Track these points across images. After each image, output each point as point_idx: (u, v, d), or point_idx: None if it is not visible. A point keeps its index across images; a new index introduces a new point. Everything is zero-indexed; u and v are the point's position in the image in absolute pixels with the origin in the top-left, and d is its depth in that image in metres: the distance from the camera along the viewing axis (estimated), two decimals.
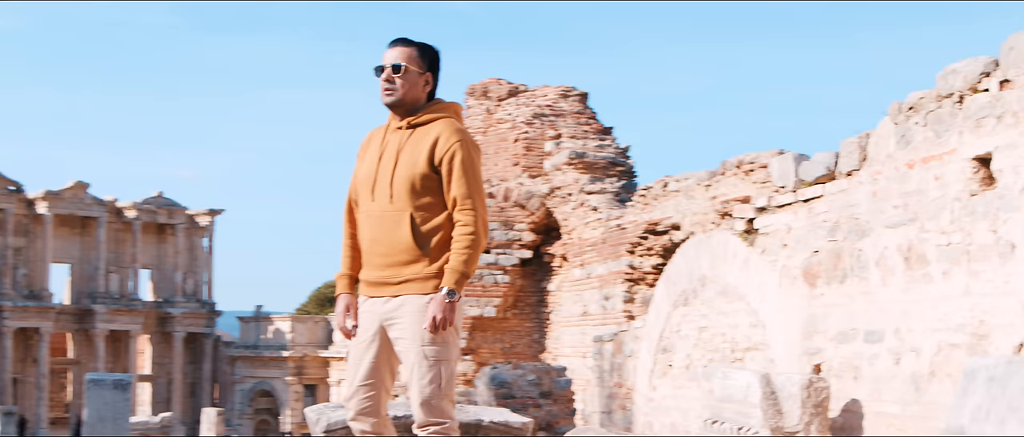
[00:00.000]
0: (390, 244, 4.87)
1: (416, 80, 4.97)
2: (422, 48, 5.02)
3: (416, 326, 4.84)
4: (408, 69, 4.94)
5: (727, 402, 8.36)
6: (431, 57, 5.05)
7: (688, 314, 10.89)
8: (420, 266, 4.84)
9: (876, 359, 7.98)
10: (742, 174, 17.67)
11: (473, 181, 4.84)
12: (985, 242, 6.96)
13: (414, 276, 4.84)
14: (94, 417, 12.91)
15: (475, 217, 4.82)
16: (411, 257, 4.85)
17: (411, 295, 4.85)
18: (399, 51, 4.97)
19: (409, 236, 4.83)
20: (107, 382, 13.04)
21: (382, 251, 4.90)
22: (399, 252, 4.86)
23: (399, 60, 4.95)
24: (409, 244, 4.84)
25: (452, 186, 4.83)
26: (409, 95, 4.97)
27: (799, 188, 8.98)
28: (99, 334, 44.85)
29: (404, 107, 4.98)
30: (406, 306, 4.85)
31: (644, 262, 21.33)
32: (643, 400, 11.88)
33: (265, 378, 47.22)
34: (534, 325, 25.83)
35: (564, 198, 23.82)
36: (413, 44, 5.02)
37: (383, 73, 4.96)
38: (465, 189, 4.82)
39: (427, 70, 5.02)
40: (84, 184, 44.64)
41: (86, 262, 45.55)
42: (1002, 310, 6.82)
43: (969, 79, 7.09)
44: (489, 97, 26.50)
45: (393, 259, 4.87)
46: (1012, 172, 6.73)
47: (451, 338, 4.89)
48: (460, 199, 4.82)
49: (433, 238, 4.86)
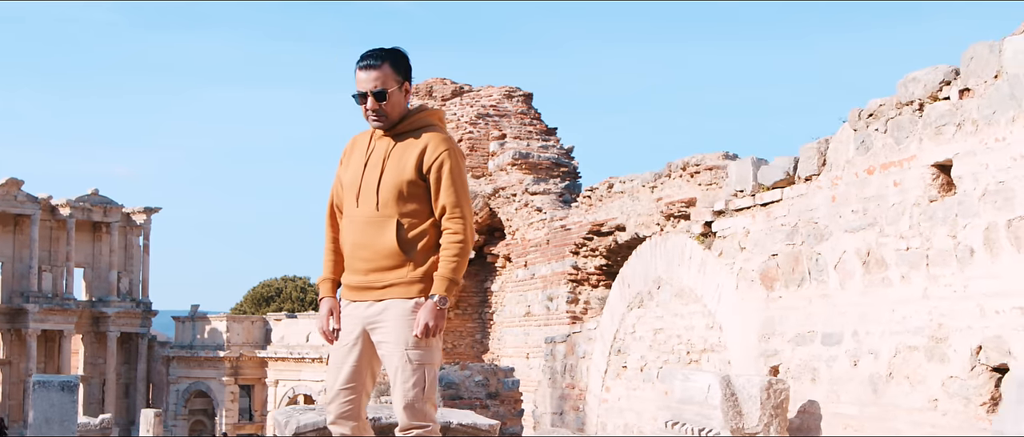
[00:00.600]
0: (374, 249, 4.90)
1: (399, 99, 4.98)
2: (395, 59, 4.98)
3: (400, 330, 4.88)
4: (391, 93, 4.92)
5: (687, 403, 8.45)
6: (405, 64, 5.04)
7: (643, 316, 10.98)
8: (404, 271, 4.87)
9: (834, 361, 8.12)
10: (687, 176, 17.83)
11: (461, 189, 4.89)
12: (944, 247, 7.11)
13: (398, 281, 4.87)
14: (40, 419, 12.73)
15: (464, 225, 4.87)
16: (395, 262, 4.87)
17: (395, 299, 4.88)
18: (376, 75, 4.91)
19: (394, 242, 4.86)
20: (54, 384, 12.86)
21: (366, 256, 4.92)
22: (383, 257, 4.88)
23: (379, 86, 4.90)
24: (394, 250, 4.87)
25: (441, 195, 4.86)
26: (395, 113, 4.98)
27: (758, 192, 9.10)
28: (32, 334, 44.07)
29: (392, 125, 4.99)
30: (390, 310, 4.88)
31: (588, 263, 21.45)
32: (596, 401, 11.95)
33: (201, 378, 46.72)
34: (476, 325, 25.87)
35: (508, 198, 23.87)
36: (385, 58, 4.95)
37: (368, 102, 4.92)
38: (454, 197, 4.85)
39: (404, 79, 5.02)
40: (17, 181, 43.83)
41: (19, 260, 44.74)
42: (960, 313, 6.97)
43: (929, 87, 7.24)
44: (433, 97, 26.48)
45: (377, 264, 4.89)
46: (971, 179, 6.88)
47: (434, 342, 4.94)
48: (449, 207, 4.85)
49: (418, 244, 4.89)
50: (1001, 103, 6.64)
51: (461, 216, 4.86)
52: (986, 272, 6.79)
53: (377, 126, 4.97)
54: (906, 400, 7.40)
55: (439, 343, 4.96)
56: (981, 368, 6.85)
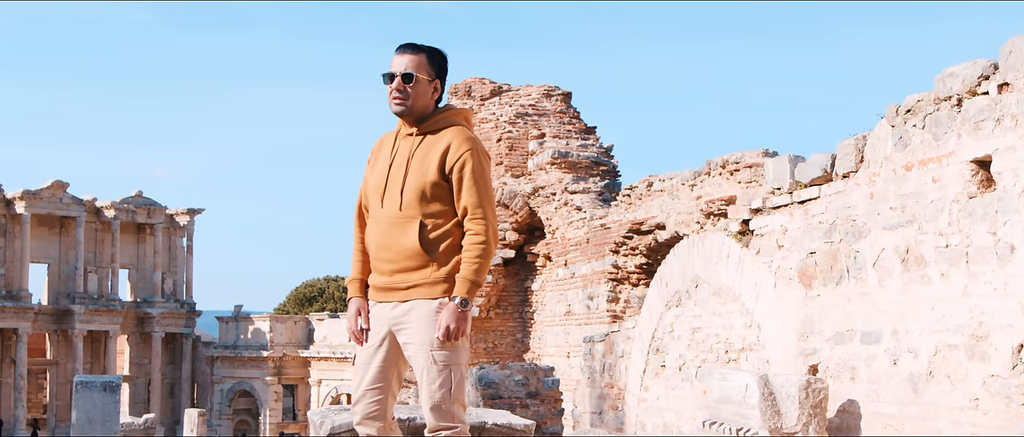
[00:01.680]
0: (398, 250, 4.88)
1: (425, 88, 4.96)
2: (431, 54, 5.00)
3: (425, 331, 4.86)
4: (418, 78, 4.92)
5: (725, 403, 8.40)
6: (440, 62, 5.04)
7: (681, 315, 10.92)
8: (428, 271, 4.85)
9: (873, 360, 8.03)
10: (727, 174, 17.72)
11: (484, 190, 4.84)
12: (984, 244, 7.02)
13: (422, 281, 4.85)
14: (83, 419, 12.84)
15: (486, 226, 4.83)
16: (419, 263, 4.85)
17: (419, 300, 4.86)
18: (409, 59, 4.94)
19: (417, 242, 4.83)
20: (96, 384, 12.97)
21: (389, 257, 4.91)
22: (406, 258, 4.86)
23: (409, 69, 4.92)
24: (417, 250, 4.84)
25: (463, 195, 4.82)
26: (418, 104, 4.95)
27: (795, 189, 9.02)
28: (78, 334, 44.57)
29: (413, 115, 4.98)
30: (414, 311, 4.87)
31: (628, 261, 21.37)
32: (635, 401, 11.91)
33: (244, 378, 47.06)
34: (517, 324, 25.84)
35: (548, 198, 23.83)
36: (422, 50, 4.99)
37: (393, 82, 4.94)
38: (476, 198, 4.81)
39: (436, 77, 5.01)
40: (63, 184, 44.34)
41: (65, 262, 45.26)
42: (1001, 311, 6.88)
43: (968, 82, 7.14)
44: (472, 96, 26.50)
45: (401, 265, 4.88)
46: (1012, 175, 6.79)
47: (461, 343, 4.91)
48: (471, 208, 4.82)
49: (441, 244, 4.87)
50: None
51: (483, 217, 4.82)
52: None
53: (398, 110, 4.94)
54: (946, 399, 7.30)
55: (466, 343, 4.94)
56: (1023, 367, 6.75)
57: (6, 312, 43.21)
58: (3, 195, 43.53)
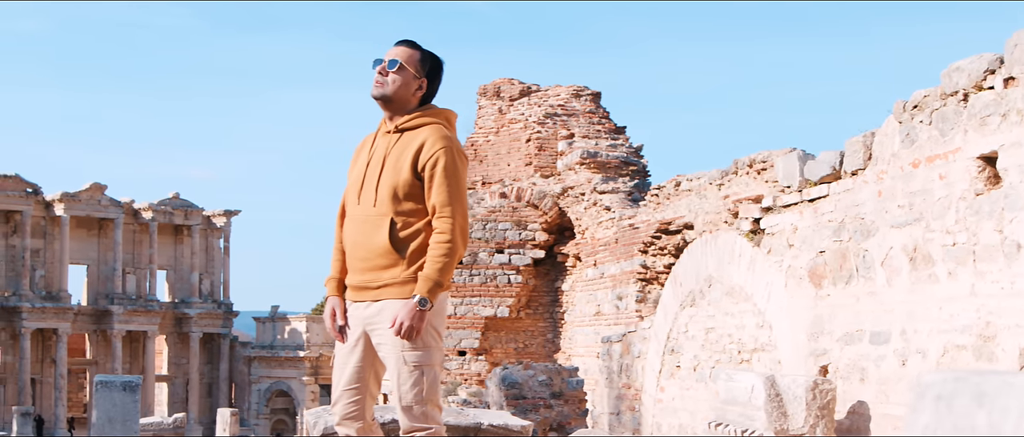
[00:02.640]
0: (370, 248, 4.83)
1: (409, 81, 4.91)
2: (425, 54, 4.98)
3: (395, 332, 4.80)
4: (404, 68, 4.89)
5: (731, 404, 8.28)
6: (432, 64, 4.99)
7: (695, 315, 10.80)
8: (398, 270, 4.79)
9: (882, 360, 7.89)
10: (754, 173, 17.55)
11: (454, 189, 4.76)
12: (991, 242, 6.86)
13: (392, 280, 4.79)
14: (103, 419, 12.89)
15: (453, 225, 4.74)
16: (389, 262, 4.79)
17: (390, 300, 4.80)
18: (400, 50, 4.94)
19: (387, 241, 4.77)
20: (116, 384, 13.02)
21: (362, 255, 4.86)
22: (377, 256, 4.81)
23: (397, 57, 4.90)
24: (387, 248, 4.78)
25: (432, 193, 4.76)
26: (398, 94, 4.90)
27: (804, 188, 8.89)
28: (116, 335, 44.99)
29: (391, 106, 4.92)
30: (386, 311, 4.80)
31: (657, 262, 21.24)
32: (651, 401, 11.80)
33: (281, 378, 47.31)
34: (548, 325, 25.77)
35: (577, 198, 23.74)
36: (417, 47, 4.97)
37: (379, 66, 4.91)
38: (445, 197, 4.74)
39: (424, 76, 4.95)
40: (101, 185, 44.78)
41: (103, 263, 45.70)
42: (1008, 311, 6.72)
43: (973, 77, 6.99)
44: (501, 97, 26.45)
45: (372, 263, 4.83)
46: (1018, 171, 6.63)
47: (433, 343, 4.84)
48: (439, 206, 4.75)
49: (412, 243, 4.80)
50: None
51: (450, 216, 4.74)
52: None
53: (375, 92, 4.90)
54: None
55: (439, 344, 4.88)
56: None
57: (46, 312, 43.67)
58: (42, 197, 44.01)
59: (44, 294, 43.88)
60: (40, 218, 44.12)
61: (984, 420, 1.86)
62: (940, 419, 1.80)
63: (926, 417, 1.83)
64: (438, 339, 4.88)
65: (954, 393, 1.80)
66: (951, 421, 1.75)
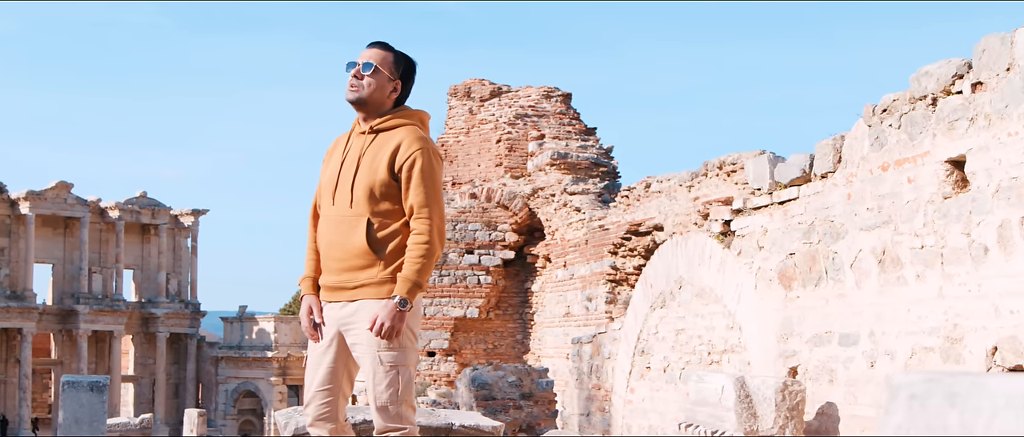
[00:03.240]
0: (346, 249, 4.84)
1: (384, 84, 4.93)
2: (398, 55, 4.99)
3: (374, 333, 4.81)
4: (378, 70, 4.91)
5: (701, 405, 8.32)
6: (405, 66, 5.01)
7: (665, 316, 10.85)
8: (375, 271, 4.80)
9: (851, 362, 7.95)
10: (723, 175, 17.65)
11: (431, 190, 4.79)
12: (958, 245, 6.94)
13: (369, 281, 4.80)
14: (70, 419, 12.81)
15: (430, 226, 4.77)
16: (366, 262, 4.80)
17: (366, 300, 4.81)
18: (374, 52, 4.95)
19: (364, 241, 4.79)
20: (83, 384, 12.94)
21: (338, 255, 4.86)
22: (354, 256, 4.82)
23: (371, 60, 4.91)
24: (364, 249, 4.79)
25: (410, 194, 4.78)
26: (374, 96, 4.92)
27: (775, 190, 8.95)
28: (82, 334, 44.63)
29: (366, 108, 4.94)
30: (362, 311, 4.81)
31: (627, 263, 21.30)
32: (621, 402, 11.84)
33: (249, 378, 47.09)
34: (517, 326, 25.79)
35: (547, 199, 23.77)
36: (390, 49, 4.99)
37: (353, 69, 4.92)
38: (422, 197, 4.76)
39: (398, 78, 4.97)
40: (67, 184, 44.42)
41: (69, 262, 45.34)
42: (976, 313, 6.80)
43: (942, 81, 7.06)
44: (472, 97, 26.45)
45: (348, 263, 4.83)
46: (985, 175, 6.70)
47: (408, 344, 4.85)
48: (417, 207, 4.77)
49: (389, 244, 4.81)
50: (1013, 96, 6.45)
51: (428, 217, 4.76)
52: (1000, 271, 6.61)
53: (351, 96, 4.92)
54: None
55: (414, 344, 4.89)
56: (997, 369, 6.66)
57: (11, 312, 43.29)
58: (8, 196, 43.63)
59: (9, 293, 43.49)
60: (5, 217, 43.73)
61: (956, 420, 1.90)
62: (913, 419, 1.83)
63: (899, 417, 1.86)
64: (414, 340, 4.89)
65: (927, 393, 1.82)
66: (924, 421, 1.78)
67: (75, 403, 12.85)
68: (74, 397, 12.83)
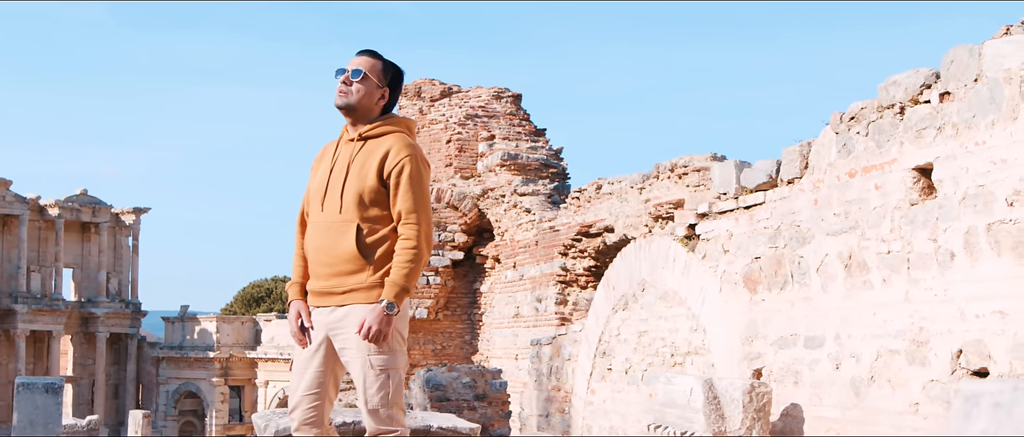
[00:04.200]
0: (335, 254, 4.90)
1: (372, 91, 5.01)
2: (387, 64, 5.08)
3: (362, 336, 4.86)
4: (367, 77, 5.00)
5: (670, 407, 8.44)
6: (394, 74, 5.12)
7: (628, 318, 10.96)
8: (364, 276, 4.86)
9: (816, 364, 8.11)
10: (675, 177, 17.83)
11: (419, 196, 4.88)
12: (925, 250, 7.11)
13: (358, 286, 4.87)
14: (24, 421, 12.65)
15: (418, 231, 4.85)
16: (355, 267, 4.87)
17: (356, 305, 4.87)
18: (363, 60, 5.03)
19: (354, 246, 4.85)
20: (38, 386, 12.78)
21: (327, 261, 4.92)
22: (343, 262, 4.88)
23: (361, 67, 5.00)
24: (354, 254, 4.86)
25: (398, 200, 4.87)
26: (362, 103, 5.00)
27: (741, 195, 9.09)
28: (20, 334, 43.96)
29: (354, 114, 5.02)
30: (351, 316, 4.88)
31: (577, 264, 21.43)
32: (582, 404, 11.94)
33: (191, 379, 46.66)
34: (466, 327, 25.83)
35: (497, 200, 23.84)
36: (379, 58, 5.07)
37: (342, 76, 4.98)
38: (411, 203, 4.85)
39: (386, 85, 5.07)
40: (6, 181, 43.71)
41: (7, 261, 44.63)
42: (941, 317, 6.97)
43: (910, 91, 7.23)
44: (422, 97, 26.45)
45: (337, 269, 4.89)
46: (952, 182, 6.88)
47: (398, 347, 4.92)
48: (405, 213, 4.85)
49: (378, 249, 4.89)
50: (981, 107, 6.63)
51: (416, 222, 4.85)
52: (966, 276, 6.78)
53: (340, 102, 5.00)
54: (887, 403, 7.39)
55: (403, 347, 4.96)
56: (961, 372, 6.84)
57: None
58: None
59: None
60: None
61: None
62: (999, 425, 1.90)
63: (983, 423, 1.94)
64: (402, 343, 4.96)
65: (1013, 402, 1.90)
66: (1010, 428, 1.85)
67: (30, 405, 12.70)
68: (29, 399, 12.68)
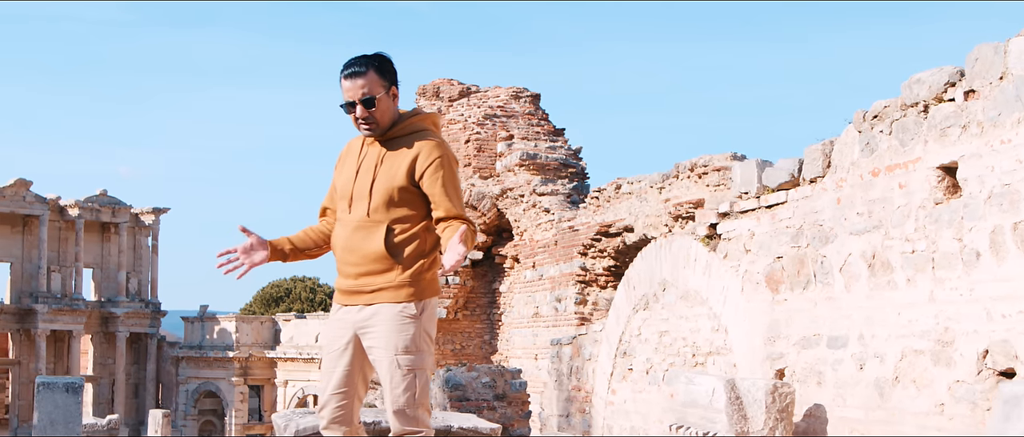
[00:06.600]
0: (363, 254, 4.87)
1: (387, 104, 4.92)
2: (379, 65, 4.91)
3: (389, 335, 4.84)
4: (379, 99, 4.86)
5: (692, 407, 8.40)
6: (389, 68, 4.95)
7: (648, 318, 10.92)
8: (393, 275, 4.84)
9: (840, 364, 8.06)
10: (695, 177, 17.77)
11: (457, 195, 4.86)
12: (950, 250, 7.05)
13: (387, 285, 4.84)
14: (45, 420, 12.72)
15: (467, 226, 4.80)
16: (384, 267, 4.84)
17: (384, 304, 4.84)
18: (362, 82, 4.84)
19: (383, 246, 4.82)
20: (58, 385, 12.85)
21: (355, 260, 4.89)
22: (372, 261, 4.85)
23: (367, 92, 4.84)
24: (382, 254, 4.83)
25: (439, 202, 4.81)
26: (385, 120, 4.93)
27: (762, 194, 9.04)
28: (41, 334, 44.13)
29: (383, 132, 4.94)
30: (380, 315, 4.85)
31: (596, 264, 21.38)
32: (602, 403, 11.91)
33: (210, 379, 46.77)
34: (485, 326, 25.81)
35: (516, 199, 23.80)
36: (370, 66, 4.88)
37: (356, 110, 4.86)
38: (455, 205, 4.81)
39: (391, 84, 4.96)
40: (26, 182, 43.89)
41: (28, 261, 44.81)
42: (967, 317, 6.91)
43: (934, 89, 7.17)
44: (440, 98, 26.44)
45: (366, 268, 4.87)
46: (977, 181, 6.82)
47: (425, 347, 4.90)
48: (453, 214, 4.81)
49: (406, 248, 4.86)
50: (1006, 105, 6.57)
51: (463, 221, 4.81)
52: (992, 275, 6.73)
53: (368, 134, 4.93)
54: (912, 404, 7.33)
55: (430, 347, 4.93)
56: (987, 372, 6.78)
57: None
58: None
59: None
60: None
61: None
62: None
63: None
64: (430, 343, 4.93)
65: None
66: None
67: (51, 404, 12.76)
68: (50, 398, 12.75)
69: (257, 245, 5.00)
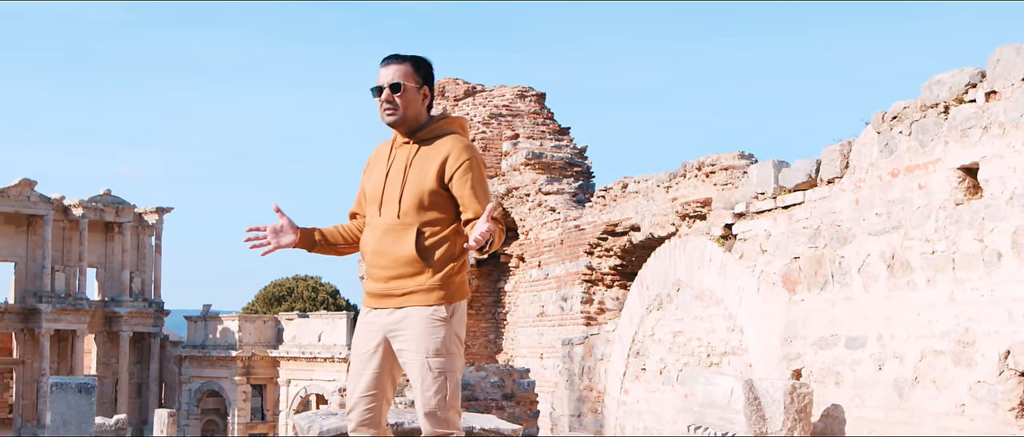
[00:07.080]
0: (393, 257, 4.88)
1: (415, 96, 4.97)
2: (416, 62, 5.03)
3: (420, 338, 4.86)
4: (406, 87, 4.94)
5: (710, 407, 8.40)
6: (425, 70, 5.06)
7: (662, 318, 10.93)
8: (423, 278, 4.86)
9: (858, 365, 8.06)
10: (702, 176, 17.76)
11: (486, 198, 4.89)
12: (971, 251, 7.05)
13: (418, 288, 4.86)
14: (58, 420, 12.72)
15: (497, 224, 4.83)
16: (415, 270, 4.86)
17: (415, 307, 4.86)
18: (395, 69, 4.96)
19: (413, 249, 4.84)
20: (71, 386, 12.85)
21: (385, 264, 4.91)
22: (402, 265, 4.87)
23: (396, 79, 4.93)
24: (413, 257, 4.85)
25: (469, 205, 4.83)
26: (409, 111, 4.97)
27: (779, 194, 9.05)
28: (45, 333, 44.16)
29: (406, 124, 4.98)
30: (410, 318, 4.87)
31: (602, 263, 21.37)
32: (615, 404, 11.91)
33: (213, 378, 46.77)
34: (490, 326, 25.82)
35: (521, 198, 23.81)
36: (407, 59, 5.02)
37: (383, 93, 4.94)
38: (484, 206, 4.83)
39: (424, 83, 5.02)
40: (31, 181, 43.92)
41: (32, 260, 44.84)
42: (988, 318, 6.91)
43: (955, 90, 7.18)
44: (446, 97, 26.45)
45: (396, 272, 4.88)
46: (999, 182, 6.83)
47: (455, 349, 4.91)
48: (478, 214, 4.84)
49: (437, 251, 4.88)
50: None
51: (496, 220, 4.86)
52: (1014, 276, 6.73)
53: (390, 120, 4.96)
54: (933, 405, 7.34)
55: (461, 350, 4.94)
56: (1009, 373, 6.79)
57: None
58: None
59: None
60: None
61: None
62: None
63: None
64: (460, 346, 4.94)
65: None
66: None
67: (63, 404, 12.76)
68: (62, 399, 12.75)
69: (288, 228, 5.03)
